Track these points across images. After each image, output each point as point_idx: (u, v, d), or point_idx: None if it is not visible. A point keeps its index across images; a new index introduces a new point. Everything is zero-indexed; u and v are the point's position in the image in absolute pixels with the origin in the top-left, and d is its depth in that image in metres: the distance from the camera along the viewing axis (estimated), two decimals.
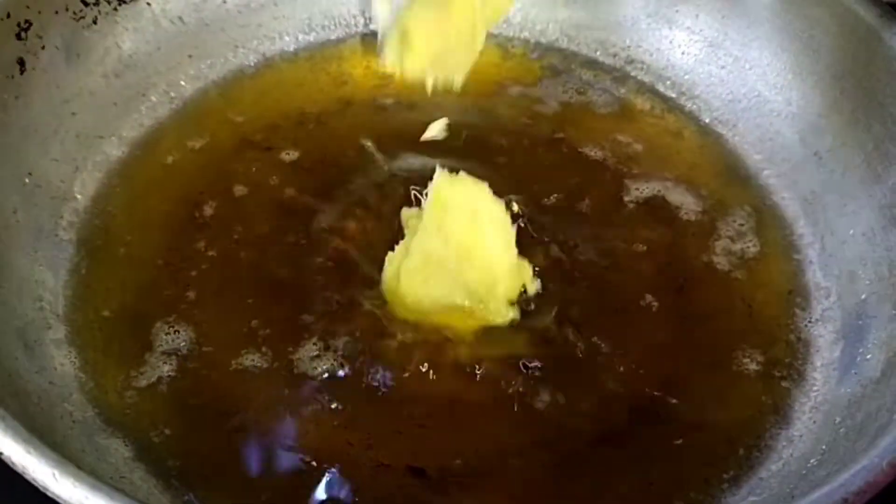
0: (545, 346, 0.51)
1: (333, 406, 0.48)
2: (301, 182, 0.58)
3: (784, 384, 0.50)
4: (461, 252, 0.50)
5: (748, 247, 0.56)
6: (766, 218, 0.58)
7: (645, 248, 0.56)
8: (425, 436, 0.47)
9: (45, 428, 0.42)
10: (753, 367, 0.51)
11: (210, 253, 0.54)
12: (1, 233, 0.50)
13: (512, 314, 0.51)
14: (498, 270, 0.50)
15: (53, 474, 0.33)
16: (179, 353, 0.50)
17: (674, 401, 0.49)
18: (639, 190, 0.59)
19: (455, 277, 0.50)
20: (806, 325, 0.53)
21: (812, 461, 0.45)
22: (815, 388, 0.50)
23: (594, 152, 0.61)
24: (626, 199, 0.58)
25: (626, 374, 0.50)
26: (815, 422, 0.48)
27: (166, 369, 0.49)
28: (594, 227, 0.57)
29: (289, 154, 0.60)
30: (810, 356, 0.52)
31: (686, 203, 0.58)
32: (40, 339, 0.49)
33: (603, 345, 0.51)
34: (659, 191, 0.59)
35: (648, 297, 0.53)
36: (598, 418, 0.49)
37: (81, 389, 0.48)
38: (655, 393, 0.49)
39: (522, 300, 0.52)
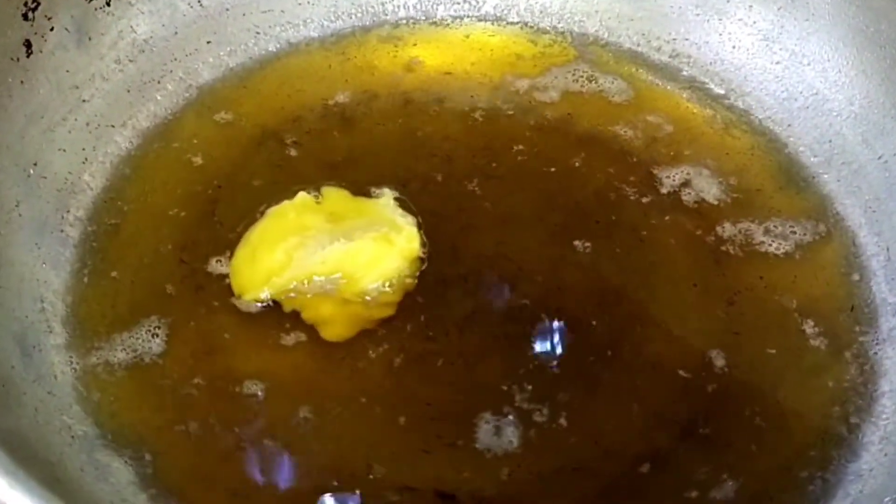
0: (584, 363, 0.48)
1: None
2: (322, 176, 0.54)
3: (849, 411, 0.47)
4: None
5: (805, 258, 0.52)
6: (825, 226, 0.54)
7: (691, 257, 0.52)
8: (455, 457, 0.44)
9: (40, 444, 0.39)
10: (813, 390, 0.47)
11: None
12: (1, 227, 0.48)
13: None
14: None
15: None
16: (193, 365, 0.47)
17: (724, 425, 0.46)
18: (684, 193, 0.55)
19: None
20: (872, 345, 0.49)
21: (886, 500, 0.42)
22: (884, 416, 0.47)
23: (632, 147, 0.57)
24: (668, 203, 0.54)
25: (672, 393, 0.47)
26: (886, 454, 0.45)
27: (178, 381, 0.47)
28: (636, 233, 0.53)
29: (311, 147, 0.56)
30: (878, 380, 0.48)
31: (735, 209, 0.54)
32: (40, 344, 0.46)
33: (646, 362, 0.48)
34: (706, 194, 0.55)
35: (695, 313, 0.50)
36: (642, 440, 0.45)
37: (82, 400, 0.45)
38: (704, 416, 0.46)
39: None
